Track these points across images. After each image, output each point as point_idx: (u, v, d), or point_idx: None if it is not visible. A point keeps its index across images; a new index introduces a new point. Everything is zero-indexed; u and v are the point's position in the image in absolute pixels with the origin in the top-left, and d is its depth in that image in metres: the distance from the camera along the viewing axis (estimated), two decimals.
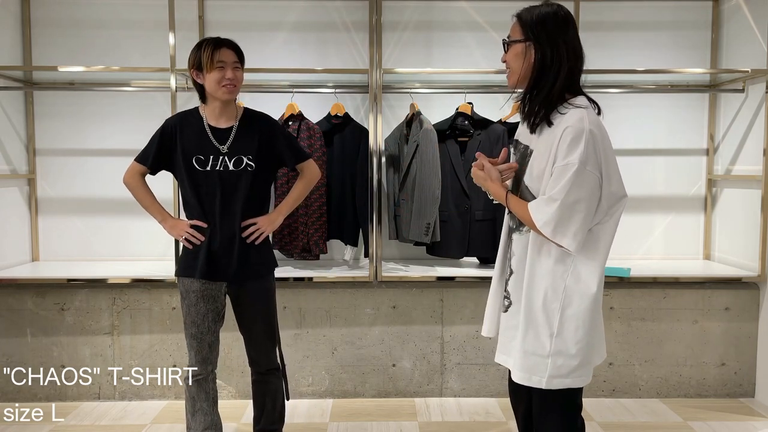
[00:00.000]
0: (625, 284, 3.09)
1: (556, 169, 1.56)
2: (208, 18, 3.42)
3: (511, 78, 1.70)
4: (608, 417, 2.92)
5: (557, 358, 1.63)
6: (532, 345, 1.65)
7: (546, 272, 1.64)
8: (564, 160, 1.54)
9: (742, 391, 3.15)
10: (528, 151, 1.69)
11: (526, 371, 1.66)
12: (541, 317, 1.64)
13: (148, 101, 3.42)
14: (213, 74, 2.11)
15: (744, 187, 3.23)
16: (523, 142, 1.73)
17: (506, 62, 1.71)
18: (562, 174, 1.54)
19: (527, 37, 1.63)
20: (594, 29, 3.45)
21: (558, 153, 1.56)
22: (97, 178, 3.45)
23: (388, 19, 3.41)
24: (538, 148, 1.64)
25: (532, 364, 1.65)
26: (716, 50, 3.45)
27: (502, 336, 1.79)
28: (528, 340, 1.65)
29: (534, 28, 1.62)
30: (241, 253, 2.20)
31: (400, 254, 3.49)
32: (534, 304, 1.65)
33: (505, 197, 1.68)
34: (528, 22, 1.64)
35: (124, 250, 3.48)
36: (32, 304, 3.05)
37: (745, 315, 3.12)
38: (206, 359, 2.27)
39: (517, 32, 1.67)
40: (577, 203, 1.55)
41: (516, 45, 1.66)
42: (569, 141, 1.54)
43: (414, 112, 3.17)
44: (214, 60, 2.09)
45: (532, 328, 1.65)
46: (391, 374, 3.14)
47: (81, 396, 3.09)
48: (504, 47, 1.71)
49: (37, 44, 3.38)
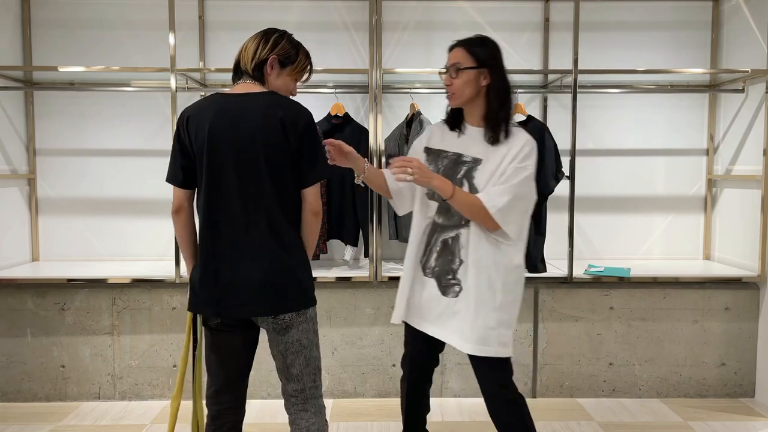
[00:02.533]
0: (625, 284, 3.10)
1: (511, 168, 1.84)
2: (208, 18, 3.42)
3: (456, 100, 1.94)
4: (608, 417, 2.92)
5: (500, 330, 1.90)
6: (483, 320, 1.89)
7: (490, 258, 1.90)
8: (521, 164, 1.85)
9: (742, 391, 3.16)
10: (472, 159, 1.93)
11: (477, 343, 1.89)
12: (488, 296, 1.89)
13: (148, 101, 3.43)
14: (291, 80, 1.88)
15: (744, 187, 3.24)
16: (456, 151, 1.96)
17: (452, 86, 1.91)
18: (518, 174, 1.84)
19: (481, 65, 1.88)
20: (594, 29, 3.45)
21: (516, 158, 1.85)
22: (97, 178, 3.45)
23: (388, 19, 3.41)
24: (489, 157, 1.90)
25: (482, 337, 1.89)
26: (716, 50, 3.45)
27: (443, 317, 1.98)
28: (479, 317, 1.89)
29: (486, 57, 1.89)
30: None
31: (400, 254, 3.49)
32: (482, 285, 1.90)
33: (452, 190, 1.84)
34: (479, 51, 1.89)
35: (124, 250, 3.49)
36: (32, 304, 3.05)
37: (745, 315, 3.12)
38: None
39: (466, 60, 1.88)
40: (523, 199, 1.87)
41: (469, 72, 1.88)
42: (527, 151, 1.86)
43: (414, 112, 3.18)
44: (304, 69, 1.90)
45: (482, 306, 1.89)
46: (391, 374, 3.14)
47: (81, 396, 3.09)
48: (451, 73, 1.91)
49: (37, 44, 3.38)
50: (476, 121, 1.96)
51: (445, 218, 1.97)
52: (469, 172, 1.92)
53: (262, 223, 1.73)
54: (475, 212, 1.85)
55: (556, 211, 3.31)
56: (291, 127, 1.72)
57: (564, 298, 3.11)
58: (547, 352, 3.13)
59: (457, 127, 2.00)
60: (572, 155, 3.03)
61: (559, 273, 3.09)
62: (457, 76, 1.89)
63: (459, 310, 1.94)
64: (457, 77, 1.89)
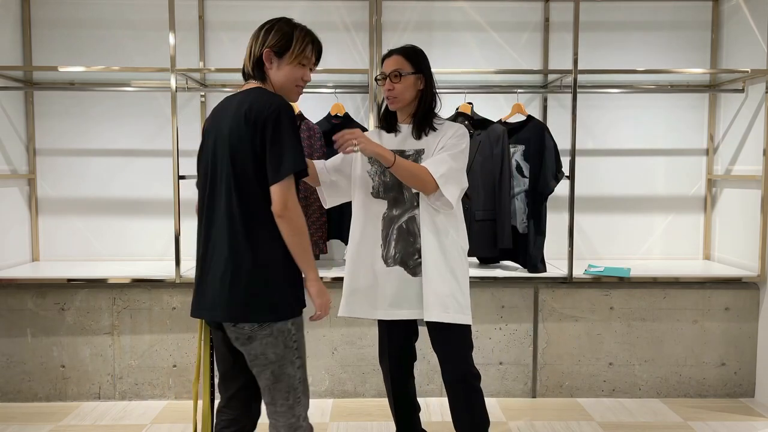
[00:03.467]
0: (625, 284, 3.10)
1: (448, 144, 2.05)
2: (208, 18, 3.42)
3: (398, 104, 2.10)
4: (608, 417, 2.92)
5: (458, 296, 2.07)
6: (441, 288, 2.05)
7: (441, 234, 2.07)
8: (456, 141, 2.06)
9: (742, 391, 3.16)
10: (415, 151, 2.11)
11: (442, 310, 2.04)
12: (444, 268, 2.06)
13: (148, 101, 3.43)
14: (294, 69, 1.76)
15: (744, 187, 3.23)
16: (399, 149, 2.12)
17: (393, 90, 2.06)
18: (454, 147, 2.04)
19: (418, 71, 2.08)
20: (594, 29, 3.45)
21: (452, 137, 2.07)
22: (97, 178, 3.45)
23: (388, 19, 3.41)
24: (429, 146, 2.09)
25: (444, 304, 2.04)
26: (716, 50, 3.45)
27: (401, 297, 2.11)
28: (440, 287, 2.05)
29: (421, 64, 2.09)
30: None
31: None
32: (436, 256, 2.06)
33: (393, 157, 1.97)
34: (415, 58, 2.08)
35: (124, 250, 3.49)
36: (32, 304, 3.05)
37: (745, 315, 3.12)
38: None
39: (406, 66, 2.07)
40: (459, 171, 2.04)
41: (409, 77, 2.07)
42: (460, 134, 2.09)
43: None
44: (305, 54, 1.77)
45: (440, 276, 2.05)
46: None
47: (81, 396, 3.09)
48: (390, 79, 2.06)
49: (37, 44, 3.38)
50: (408, 119, 2.15)
51: (395, 208, 2.11)
52: (417, 162, 2.08)
53: (223, 225, 1.65)
54: (416, 176, 1.98)
55: (556, 211, 3.31)
56: (255, 121, 1.62)
57: (564, 298, 3.11)
58: (547, 352, 3.13)
59: (393, 130, 2.17)
60: (572, 155, 3.02)
61: (559, 273, 3.09)
62: (399, 81, 2.06)
63: (414, 285, 2.09)
64: (399, 82, 2.06)
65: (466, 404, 2.14)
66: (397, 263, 2.10)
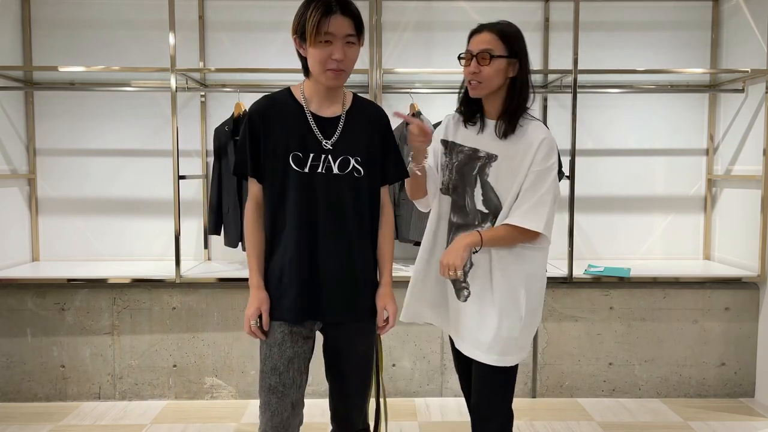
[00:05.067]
0: (625, 284, 3.10)
1: (535, 172, 1.72)
2: (208, 18, 3.42)
3: (482, 91, 1.78)
4: (608, 417, 2.92)
5: (522, 338, 1.79)
6: (507, 329, 1.76)
7: (512, 263, 1.77)
8: (544, 165, 1.72)
9: (742, 391, 3.16)
10: (486, 155, 1.80)
11: (500, 354, 1.77)
12: (514, 304, 1.77)
13: (148, 101, 3.43)
14: (316, 51, 1.57)
15: (744, 187, 3.24)
16: (472, 146, 1.83)
17: (479, 74, 1.75)
18: (545, 177, 1.72)
19: (512, 54, 1.75)
20: (594, 29, 3.45)
21: (535, 158, 1.72)
22: (97, 178, 3.45)
23: (388, 19, 3.41)
24: (504, 154, 1.77)
25: (505, 347, 1.77)
26: (716, 50, 3.45)
27: (459, 325, 1.86)
28: (503, 326, 1.76)
29: (517, 46, 1.76)
30: (348, 285, 1.70)
31: (400, 254, 3.49)
32: (507, 293, 1.77)
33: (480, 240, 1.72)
34: (511, 39, 1.75)
35: (124, 250, 3.49)
36: (32, 304, 3.05)
37: (745, 315, 3.12)
38: (287, 426, 1.70)
39: (498, 47, 1.74)
40: (555, 201, 1.76)
41: (500, 60, 1.74)
42: (547, 150, 1.73)
43: (414, 112, 3.17)
44: (320, 30, 1.54)
45: (505, 314, 1.76)
46: (391, 374, 3.14)
47: (81, 396, 3.09)
48: (478, 60, 1.74)
49: (37, 44, 3.38)
50: (493, 113, 1.83)
51: (459, 217, 1.86)
52: (483, 169, 1.80)
53: None
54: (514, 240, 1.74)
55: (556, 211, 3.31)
56: None
57: (564, 298, 3.11)
58: (547, 352, 3.13)
59: (473, 120, 1.87)
60: (572, 155, 3.03)
61: (559, 273, 3.09)
62: (488, 64, 1.73)
63: (468, 315, 1.83)
64: (487, 65, 1.73)
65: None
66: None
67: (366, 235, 1.72)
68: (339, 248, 1.67)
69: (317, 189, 1.64)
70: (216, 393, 3.11)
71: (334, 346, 1.78)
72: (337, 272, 1.67)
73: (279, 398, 1.67)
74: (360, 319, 1.74)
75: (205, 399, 3.11)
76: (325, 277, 1.67)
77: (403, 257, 3.48)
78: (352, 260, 1.69)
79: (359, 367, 1.79)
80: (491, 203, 1.79)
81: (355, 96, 1.78)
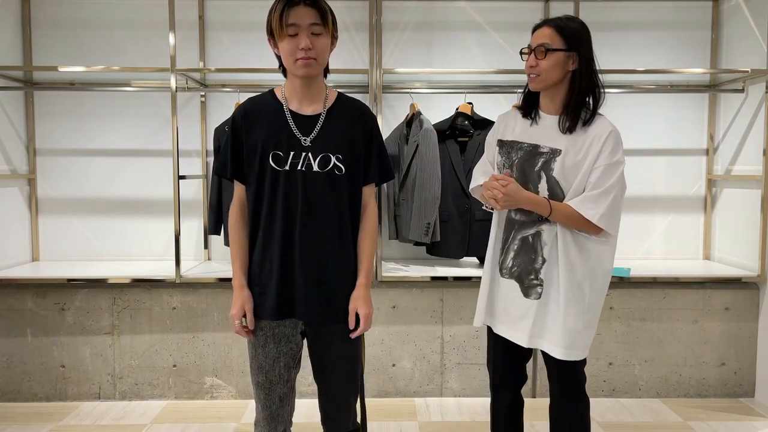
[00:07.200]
0: (625, 284, 3.09)
1: (602, 166, 1.74)
2: (208, 18, 3.42)
3: (540, 84, 1.81)
4: (608, 417, 2.92)
5: (586, 332, 1.83)
6: (573, 322, 1.80)
7: (577, 256, 1.80)
8: (611, 159, 1.75)
9: (742, 391, 3.16)
10: (550, 150, 1.80)
11: (567, 347, 1.81)
12: (577, 296, 1.80)
13: (148, 101, 3.43)
14: (284, 44, 1.61)
15: (744, 187, 3.24)
16: (532, 142, 1.84)
17: (536, 67, 1.79)
18: (611, 171, 1.75)
19: (570, 48, 1.78)
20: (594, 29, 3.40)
21: (602, 152, 1.75)
22: (97, 178, 3.45)
23: (388, 19, 3.41)
24: (569, 148, 1.78)
25: (572, 341, 1.81)
26: (716, 50, 3.45)
27: (531, 321, 1.86)
28: (569, 319, 1.80)
29: (576, 40, 1.78)
30: (326, 285, 1.69)
31: (400, 254, 3.49)
32: (571, 285, 1.80)
33: (548, 205, 1.76)
34: (570, 33, 1.78)
35: (124, 250, 3.49)
36: (32, 304, 3.05)
37: (745, 315, 3.12)
38: (276, 416, 1.76)
39: (556, 41, 1.77)
40: (621, 196, 1.78)
41: (557, 54, 1.77)
42: (614, 143, 1.76)
43: (414, 113, 3.17)
44: (283, 23, 1.59)
45: (572, 308, 1.80)
46: (391, 374, 3.14)
47: (81, 396, 3.09)
48: (535, 54, 1.78)
49: (37, 44, 3.38)
50: (554, 108, 1.84)
51: (521, 214, 1.86)
52: (547, 164, 1.80)
53: None
54: (577, 223, 1.77)
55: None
56: None
57: None
58: None
59: (531, 115, 1.88)
60: None
61: None
62: (544, 58, 1.77)
63: (541, 312, 1.84)
64: (543, 58, 1.77)
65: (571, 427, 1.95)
66: (513, 277, 1.88)
67: (346, 235, 1.71)
68: (317, 248, 1.67)
69: (297, 187, 1.65)
70: (216, 393, 3.12)
71: (316, 347, 1.78)
72: (314, 272, 1.67)
73: (267, 394, 1.75)
74: (339, 320, 1.72)
75: (205, 399, 3.11)
76: (303, 277, 1.67)
77: (403, 257, 3.49)
78: (330, 260, 1.69)
79: (343, 368, 1.78)
80: (556, 199, 1.80)
81: (340, 95, 1.77)
